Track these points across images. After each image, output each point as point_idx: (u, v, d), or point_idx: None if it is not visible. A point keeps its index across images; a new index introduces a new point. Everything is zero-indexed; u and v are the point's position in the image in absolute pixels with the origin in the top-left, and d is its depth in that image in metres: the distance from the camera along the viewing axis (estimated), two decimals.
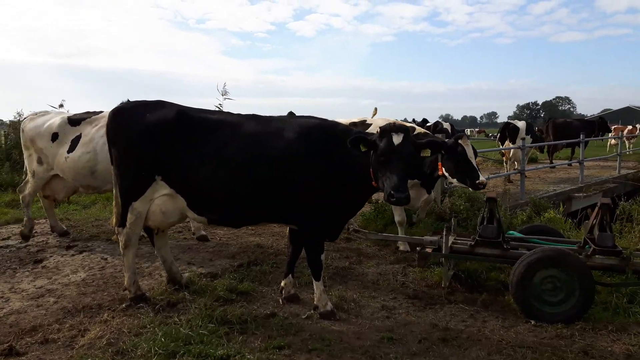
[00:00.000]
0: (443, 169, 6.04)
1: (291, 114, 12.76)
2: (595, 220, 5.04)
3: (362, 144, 4.15)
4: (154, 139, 4.50)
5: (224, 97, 10.22)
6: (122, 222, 4.73)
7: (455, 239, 5.46)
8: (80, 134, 6.78)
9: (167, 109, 4.67)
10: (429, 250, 5.32)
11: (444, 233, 5.17)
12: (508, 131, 14.19)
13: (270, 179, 4.42)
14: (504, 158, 14.59)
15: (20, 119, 15.16)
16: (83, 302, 4.81)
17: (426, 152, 4.34)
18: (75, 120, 6.96)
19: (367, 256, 6.61)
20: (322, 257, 4.66)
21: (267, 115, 4.89)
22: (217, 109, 8.83)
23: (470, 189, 6.23)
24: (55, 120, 7.04)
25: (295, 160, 4.41)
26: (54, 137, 6.91)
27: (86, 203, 10.55)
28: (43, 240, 7.31)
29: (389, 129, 4.10)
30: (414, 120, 14.02)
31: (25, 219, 7.29)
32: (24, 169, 7.90)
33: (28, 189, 7.32)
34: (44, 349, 3.93)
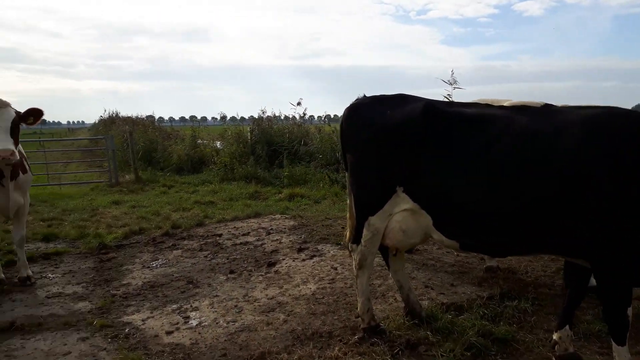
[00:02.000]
0: None
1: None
2: None
3: None
4: (396, 141, 3.64)
5: (453, 86, 9.20)
6: (356, 239, 4.03)
7: None
8: None
9: (411, 103, 3.76)
10: None
11: None
12: None
13: (553, 194, 3.14)
14: None
15: (263, 116, 16.61)
16: (313, 325, 4.28)
17: None
18: None
19: None
20: (629, 311, 3.17)
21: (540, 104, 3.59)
22: (446, 99, 7.82)
23: None
24: None
25: (590, 168, 3.04)
26: None
27: (317, 197, 10.56)
28: (277, 239, 7.28)
29: None
30: None
31: None
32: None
33: None
34: None
